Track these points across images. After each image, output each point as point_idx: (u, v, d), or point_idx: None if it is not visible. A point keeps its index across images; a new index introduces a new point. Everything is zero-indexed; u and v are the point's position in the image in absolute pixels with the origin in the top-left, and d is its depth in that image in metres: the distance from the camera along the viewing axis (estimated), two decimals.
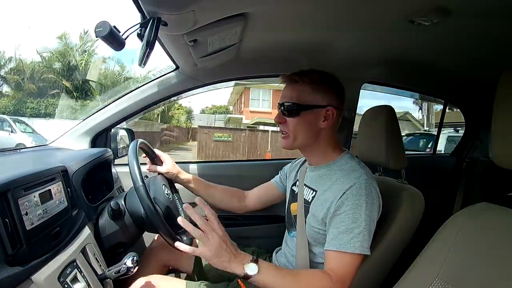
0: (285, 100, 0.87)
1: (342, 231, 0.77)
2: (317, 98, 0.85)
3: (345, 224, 0.77)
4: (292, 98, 0.86)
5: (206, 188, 1.14)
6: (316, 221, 0.84)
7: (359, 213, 0.77)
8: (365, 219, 0.77)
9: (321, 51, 1.25)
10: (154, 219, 0.77)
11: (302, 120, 0.86)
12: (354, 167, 0.84)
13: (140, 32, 0.69)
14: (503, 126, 0.59)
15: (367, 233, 0.77)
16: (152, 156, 1.06)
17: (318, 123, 0.86)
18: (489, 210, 0.62)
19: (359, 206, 0.77)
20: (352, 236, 0.76)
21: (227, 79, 1.40)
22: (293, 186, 1.02)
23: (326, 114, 0.86)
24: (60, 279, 0.64)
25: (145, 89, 1.30)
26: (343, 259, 0.77)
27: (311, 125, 0.86)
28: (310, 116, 0.86)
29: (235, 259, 0.72)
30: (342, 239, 0.77)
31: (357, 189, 0.78)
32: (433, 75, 1.55)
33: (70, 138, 1.29)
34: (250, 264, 0.72)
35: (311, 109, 0.85)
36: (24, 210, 0.60)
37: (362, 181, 0.79)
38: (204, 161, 6.21)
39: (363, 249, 0.76)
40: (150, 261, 1.08)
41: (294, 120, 0.86)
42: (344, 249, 0.76)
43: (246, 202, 1.17)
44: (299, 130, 0.86)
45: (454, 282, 0.56)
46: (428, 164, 2.07)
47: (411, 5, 0.84)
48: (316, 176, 0.91)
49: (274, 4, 0.86)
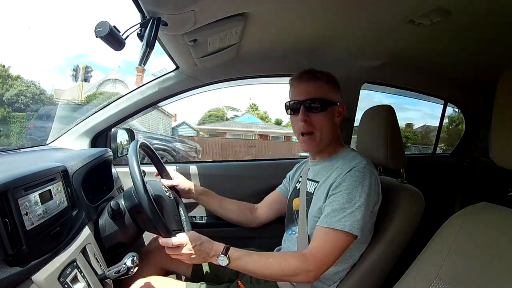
0: (310, 96, 0.87)
1: (335, 209, 0.78)
2: (334, 95, 0.90)
3: (339, 203, 0.78)
4: (316, 94, 0.87)
5: (220, 201, 1.14)
6: (318, 209, 0.85)
7: (354, 194, 0.78)
8: (359, 201, 0.78)
9: (321, 51, 1.25)
10: (150, 212, 0.77)
11: (329, 116, 0.88)
12: (356, 156, 0.87)
13: (140, 32, 0.69)
14: (503, 126, 0.59)
15: (359, 214, 0.77)
16: (154, 159, 1.05)
17: (335, 119, 0.91)
18: (489, 210, 0.62)
19: (355, 187, 0.78)
20: (344, 215, 0.77)
21: (227, 79, 1.39)
22: (296, 184, 1.03)
23: (339, 111, 0.91)
24: (60, 279, 0.64)
25: (145, 89, 1.30)
26: (328, 237, 0.78)
27: (332, 121, 0.90)
28: (333, 111, 0.90)
29: (209, 256, 0.82)
30: (334, 217, 0.78)
31: (355, 171, 0.80)
32: (433, 74, 1.55)
33: (70, 138, 1.29)
34: (221, 256, 0.81)
35: (334, 105, 0.89)
36: (24, 210, 0.60)
37: (361, 165, 0.81)
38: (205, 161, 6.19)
39: (353, 228, 0.76)
40: (148, 263, 1.07)
41: (320, 116, 0.87)
42: (333, 226, 0.77)
43: (257, 214, 1.17)
44: (326, 126, 0.88)
45: (454, 282, 0.56)
46: (428, 164, 2.07)
47: (411, 5, 0.84)
48: (319, 169, 0.93)
49: (274, 4, 0.86)
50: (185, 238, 0.80)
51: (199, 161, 1.64)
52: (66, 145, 1.27)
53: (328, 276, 0.87)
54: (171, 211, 0.94)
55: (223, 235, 1.36)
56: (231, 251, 0.82)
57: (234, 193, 1.26)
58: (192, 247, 0.80)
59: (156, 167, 1.08)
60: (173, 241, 0.79)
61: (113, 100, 1.32)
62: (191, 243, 0.80)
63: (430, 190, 1.18)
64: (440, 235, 0.64)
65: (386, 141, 0.98)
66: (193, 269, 1.07)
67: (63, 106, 8.21)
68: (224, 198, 1.16)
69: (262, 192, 1.23)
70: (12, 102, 12.63)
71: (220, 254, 0.81)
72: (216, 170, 1.54)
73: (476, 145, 2.01)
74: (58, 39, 25.16)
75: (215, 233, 1.36)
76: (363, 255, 0.89)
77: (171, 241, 0.79)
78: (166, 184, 1.05)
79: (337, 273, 0.88)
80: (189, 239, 0.81)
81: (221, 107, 19.87)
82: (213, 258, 0.82)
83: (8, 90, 13.76)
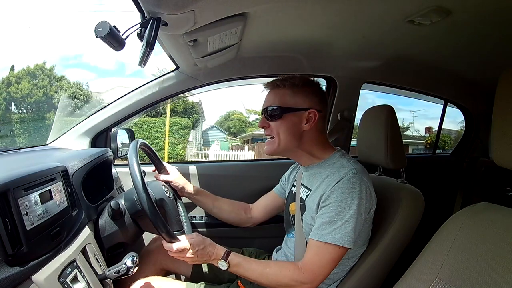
0: (268, 105, 0.90)
1: (325, 222, 0.79)
2: (298, 101, 0.88)
3: (329, 215, 0.79)
4: (274, 102, 0.89)
5: (214, 201, 1.14)
6: (311, 218, 0.86)
7: (343, 206, 0.78)
8: (349, 212, 0.78)
9: (321, 51, 1.25)
10: (154, 219, 0.77)
11: (285, 123, 0.88)
12: (344, 164, 0.86)
13: (140, 32, 0.69)
14: (503, 126, 0.59)
15: (350, 226, 0.77)
16: (153, 157, 1.06)
17: (300, 126, 0.89)
18: (489, 210, 0.62)
19: (344, 199, 0.78)
20: (334, 228, 0.77)
21: (227, 79, 1.39)
22: (292, 188, 1.03)
23: (308, 117, 0.88)
24: (60, 279, 0.64)
25: (145, 89, 1.30)
26: (320, 249, 0.79)
27: (294, 127, 0.88)
28: (292, 118, 0.88)
29: (210, 259, 0.85)
30: (324, 230, 0.78)
31: (344, 182, 0.80)
32: (433, 75, 1.55)
33: (70, 138, 1.29)
34: (221, 261, 0.83)
35: (293, 112, 0.88)
36: (24, 210, 0.60)
37: (350, 175, 0.81)
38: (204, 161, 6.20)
39: (343, 241, 0.77)
40: (148, 263, 1.07)
41: (277, 123, 0.89)
42: (324, 239, 0.78)
43: (252, 214, 1.17)
44: (283, 132, 0.89)
45: (454, 282, 0.56)
46: (428, 164, 2.07)
47: (411, 5, 0.84)
48: (310, 175, 0.93)
49: (274, 4, 0.86)
50: (188, 243, 0.81)
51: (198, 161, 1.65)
52: (66, 145, 1.27)
53: (329, 277, 0.87)
54: (172, 213, 0.94)
55: (223, 235, 1.37)
56: (232, 257, 0.84)
57: (232, 193, 1.26)
58: (195, 252, 0.82)
59: (154, 164, 1.08)
60: (177, 246, 0.80)
61: (113, 100, 1.32)
62: (193, 248, 0.81)
63: (430, 190, 1.18)
64: (440, 235, 0.64)
65: (386, 141, 0.98)
66: (193, 269, 1.07)
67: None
68: (219, 198, 1.16)
69: (260, 192, 1.23)
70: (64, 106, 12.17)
71: (220, 259, 0.83)
72: (215, 170, 1.54)
73: (476, 145, 2.01)
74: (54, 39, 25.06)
75: (215, 233, 1.37)
76: (363, 255, 0.89)
77: (174, 246, 0.80)
78: (162, 179, 1.06)
79: (337, 273, 0.88)
80: (192, 244, 0.81)
81: (244, 112, 19.86)
82: (214, 261, 0.85)
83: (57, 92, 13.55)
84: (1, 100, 13.01)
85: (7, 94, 12.89)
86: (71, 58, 24.64)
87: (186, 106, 14.45)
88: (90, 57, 28.93)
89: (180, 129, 11.93)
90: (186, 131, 12.11)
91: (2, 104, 13.07)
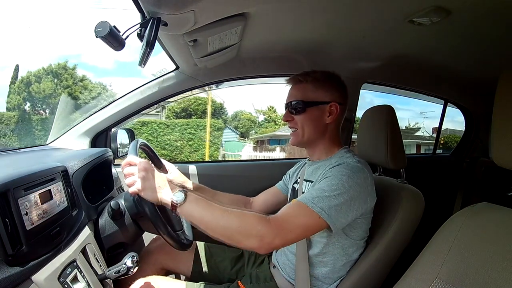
0: (291, 99, 0.93)
1: (314, 189, 0.78)
2: (320, 95, 0.91)
3: (319, 186, 0.78)
4: (297, 96, 0.92)
5: (213, 195, 1.14)
6: None
7: (337, 182, 0.77)
8: (340, 189, 0.75)
9: (321, 51, 1.25)
10: (154, 219, 0.77)
11: (308, 116, 0.91)
12: (350, 156, 0.88)
13: (140, 32, 0.69)
14: (503, 126, 0.59)
15: (335, 201, 0.74)
16: (153, 157, 1.05)
17: (323, 118, 0.92)
18: (489, 210, 0.62)
19: (340, 176, 0.78)
20: (319, 196, 0.75)
21: (227, 79, 1.40)
22: (294, 184, 1.03)
23: (330, 110, 0.91)
24: (60, 279, 0.64)
25: (145, 89, 1.30)
26: (299, 209, 0.75)
27: (317, 120, 0.91)
28: (315, 112, 0.91)
29: (164, 188, 0.75)
30: (310, 195, 0.76)
31: (345, 165, 0.81)
32: (433, 75, 1.55)
33: (70, 138, 1.29)
34: (178, 192, 0.73)
35: (316, 105, 0.91)
36: (24, 210, 0.60)
37: (351, 163, 0.82)
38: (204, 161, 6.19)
39: (322, 212, 0.73)
40: (148, 263, 1.07)
41: (301, 116, 0.92)
42: (306, 202, 0.74)
43: (252, 208, 1.16)
44: (307, 125, 0.92)
45: (454, 282, 0.56)
46: (428, 164, 2.07)
47: (411, 5, 0.84)
48: (314, 169, 0.94)
49: (274, 4, 0.86)
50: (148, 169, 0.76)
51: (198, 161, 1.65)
52: (66, 145, 1.27)
53: (328, 276, 0.87)
54: (172, 212, 0.94)
55: None
56: (190, 193, 0.75)
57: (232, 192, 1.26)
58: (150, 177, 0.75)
59: (154, 163, 1.08)
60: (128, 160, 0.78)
61: (113, 100, 1.32)
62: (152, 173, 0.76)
63: (430, 190, 1.18)
64: (440, 235, 0.64)
65: (386, 141, 0.98)
66: (193, 269, 1.07)
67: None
68: (218, 192, 1.15)
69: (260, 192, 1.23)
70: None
71: (177, 191, 0.74)
72: (215, 170, 1.54)
73: (476, 145, 2.01)
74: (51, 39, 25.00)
75: None
76: (363, 255, 0.89)
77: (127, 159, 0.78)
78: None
79: (337, 273, 0.88)
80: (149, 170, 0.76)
81: (253, 112, 19.83)
82: (166, 192, 0.74)
83: (82, 92, 13.28)
84: (21, 100, 12.86)
85: (27, 94, 12.72)
86: (71, 58, 24.68)
87: (215, 107, 14.47)
88: (88, 56, 29.00)
89: (214, 131, 11.97)
90: (220, 133, 12.21)
91: (22, 105, 12.93)
